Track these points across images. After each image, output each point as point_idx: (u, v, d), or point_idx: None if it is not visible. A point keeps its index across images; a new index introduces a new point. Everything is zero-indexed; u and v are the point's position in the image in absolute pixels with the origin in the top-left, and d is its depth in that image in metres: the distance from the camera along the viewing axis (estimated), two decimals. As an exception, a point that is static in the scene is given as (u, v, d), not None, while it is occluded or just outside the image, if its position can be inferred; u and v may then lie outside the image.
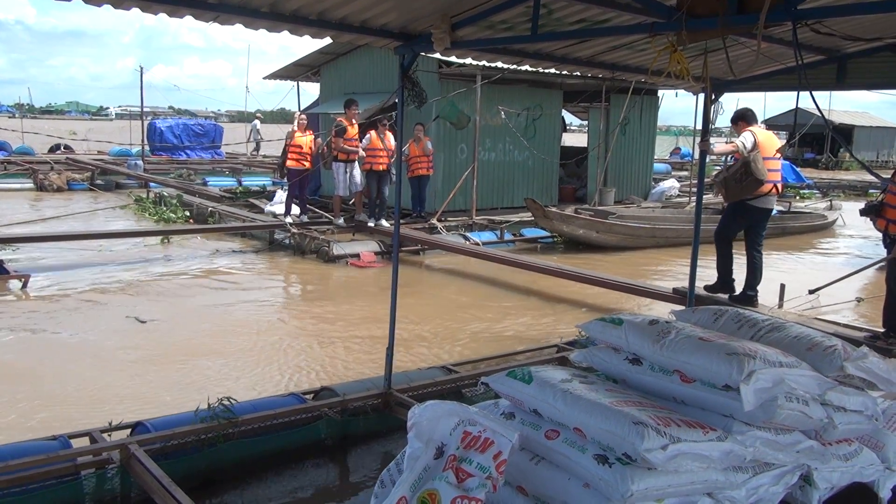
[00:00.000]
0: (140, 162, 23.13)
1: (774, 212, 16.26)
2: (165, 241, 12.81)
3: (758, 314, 3.71)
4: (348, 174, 13.02)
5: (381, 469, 2.93)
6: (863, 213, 6.80)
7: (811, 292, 9.09)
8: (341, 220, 13.45)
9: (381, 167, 12.84)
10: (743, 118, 7.48)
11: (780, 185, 7.48)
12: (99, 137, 32.44)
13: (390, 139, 12.86)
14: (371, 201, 13.11)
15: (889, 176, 6.79)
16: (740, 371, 2.82)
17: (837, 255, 14.35)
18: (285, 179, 14.52)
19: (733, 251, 7.70)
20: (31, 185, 21.12)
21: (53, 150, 28.63)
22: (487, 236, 13.41)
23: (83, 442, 4.42)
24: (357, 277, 10.98)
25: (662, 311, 7.24)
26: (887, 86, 6.09)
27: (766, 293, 8.36)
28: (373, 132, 12.86)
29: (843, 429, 3.12)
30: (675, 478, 2.69)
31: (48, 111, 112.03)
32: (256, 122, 34.07)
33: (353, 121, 12.87)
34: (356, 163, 13.00)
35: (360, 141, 12.85)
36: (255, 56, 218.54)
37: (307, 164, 13.43)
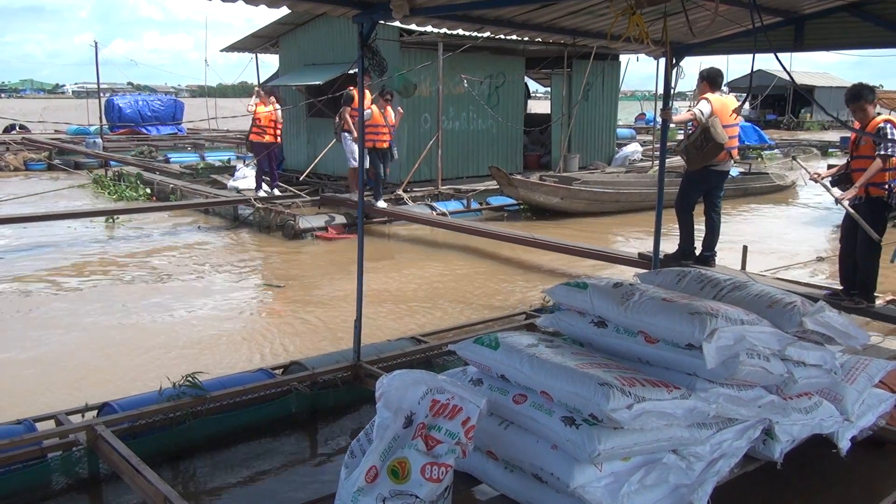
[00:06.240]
0: (99, 140, 22.61)
1: (736, 173, 16.56)
2: (111, 220, 12.41)
3: (720, 274, 3.77)
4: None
5: (351, 441, 2.93)
6: (833, 184, 6.81)
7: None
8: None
9: (383, 144, 12.12)
10: (707, 79, 7.42)
11: (734, 152, 7.51)
12: (56, 116, 31.60)
13: (391, 114, 12.26)
14: (377, 181, 12.23)
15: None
16: (703, 330, 2.86)
17: (799, 214, 14.58)
18: (250, 154, 14.31)
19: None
20: (-15, 167, 20.67)
21: (8, 130, 27.87)
22: (454, 206, 13.37)
23: (49, 425, 4.36)
24: (324, 250, 10.92)
25: (629, 275, 7.31)
26: (843, 46, 6.12)
27: (730, 256, 8.48)
28: (374, 107, 11.87)
29: (802, 383, 3.19)
30: (640, 436, 2.74)
31: (1, 89, 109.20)
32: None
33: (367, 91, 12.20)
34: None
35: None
36: (219, 29, 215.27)
37: (267, 138, 13.27)
